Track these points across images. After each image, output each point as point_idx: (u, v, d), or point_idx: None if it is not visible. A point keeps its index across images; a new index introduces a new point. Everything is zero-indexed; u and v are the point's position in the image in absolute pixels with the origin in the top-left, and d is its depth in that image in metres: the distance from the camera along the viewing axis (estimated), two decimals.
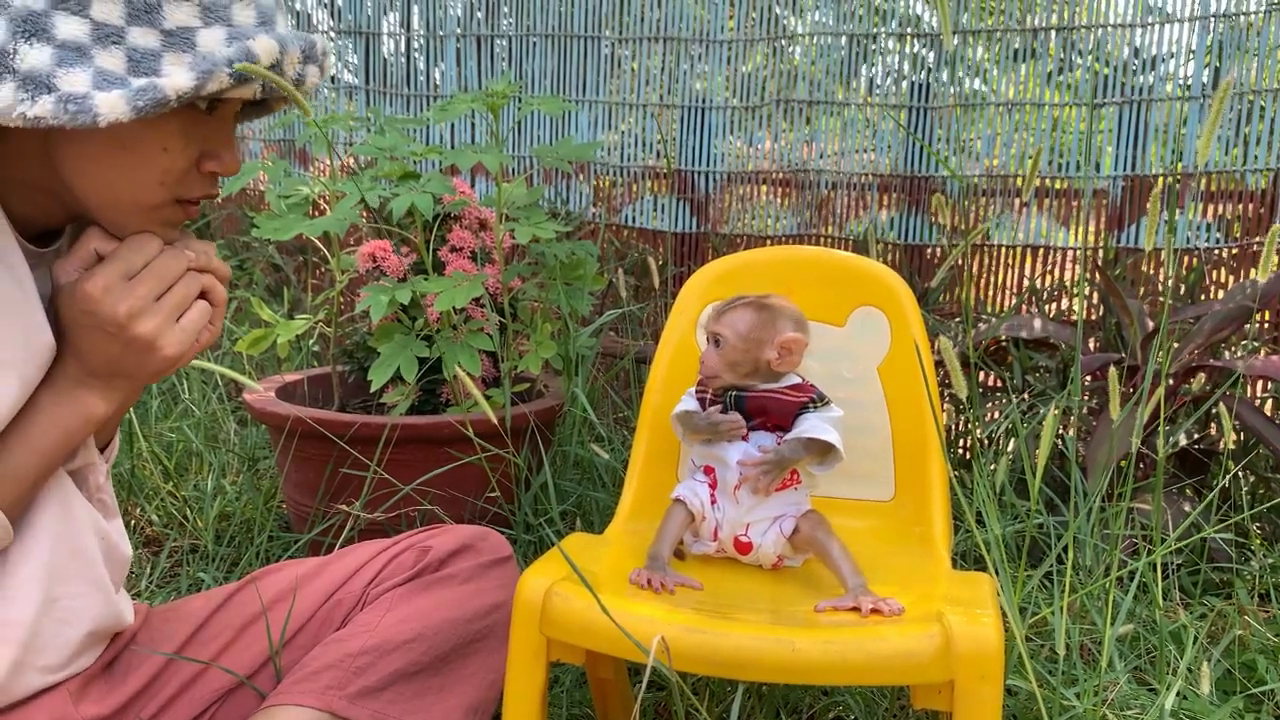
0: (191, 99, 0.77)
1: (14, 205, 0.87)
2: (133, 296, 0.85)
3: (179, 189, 0.86)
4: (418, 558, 1.14)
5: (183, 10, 0.78)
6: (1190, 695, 1.37)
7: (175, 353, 0.88)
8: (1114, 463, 1.78)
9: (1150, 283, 2.42)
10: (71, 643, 0.96)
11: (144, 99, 0.75)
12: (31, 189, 0.86)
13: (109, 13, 0.76)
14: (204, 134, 0.85)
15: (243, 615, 1.13)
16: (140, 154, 0.82)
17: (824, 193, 2.73)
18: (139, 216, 0.87)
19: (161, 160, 0.83)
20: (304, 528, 1.85)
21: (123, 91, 0.75)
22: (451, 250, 1.96)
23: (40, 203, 0.88)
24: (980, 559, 1.79)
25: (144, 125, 0.80)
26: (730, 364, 1.22)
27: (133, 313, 0.85)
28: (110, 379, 0.89)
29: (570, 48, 2.90)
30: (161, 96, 0.75)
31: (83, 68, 0.75)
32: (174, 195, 0.86)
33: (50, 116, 0.74)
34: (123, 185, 0.84)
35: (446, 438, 1.74)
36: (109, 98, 0.74)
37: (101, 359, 0.87)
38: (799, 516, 1.20)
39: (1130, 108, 2.39)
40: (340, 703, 1.02)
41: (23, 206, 0.87)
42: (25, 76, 0.74)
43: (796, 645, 0.94)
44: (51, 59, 0.74)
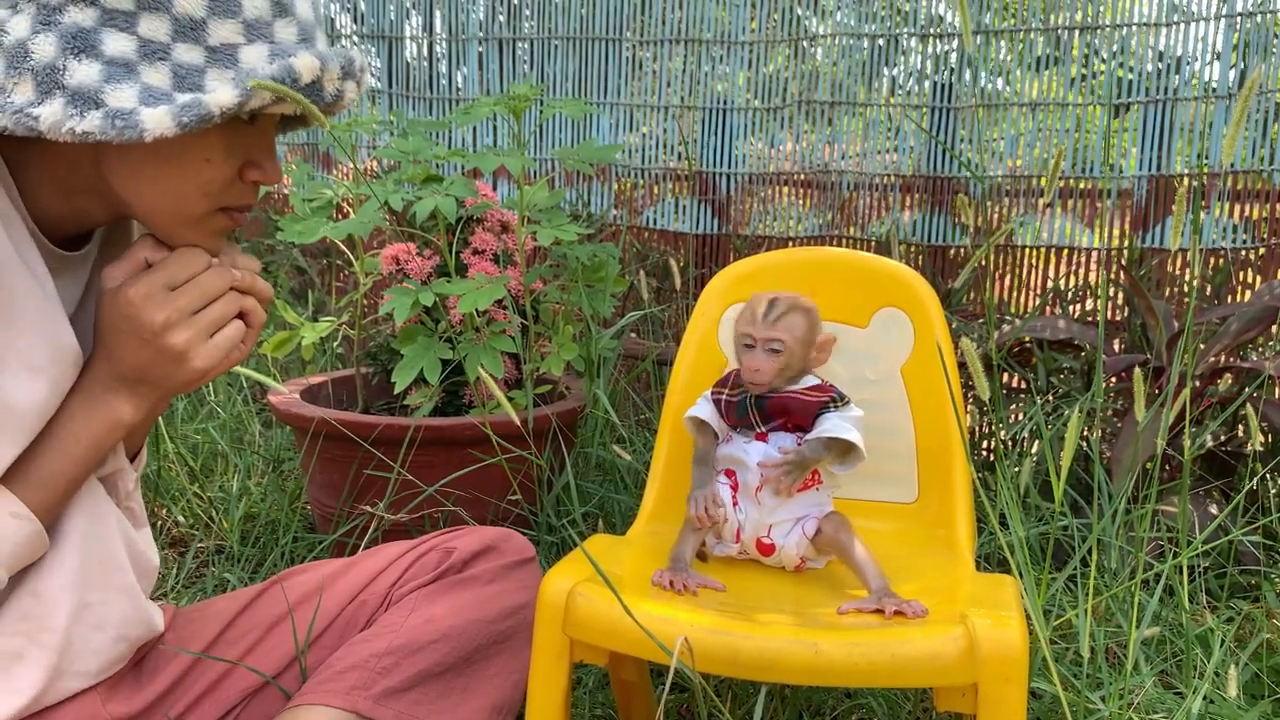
0: (233, 114, 0.79)
1: (51, 207, 0.88)
2: (171, 307, 0.87)
3: (223, 198, 0.88)
4: (441, 559, 1.15)
5: (226, 27, 0.79)
6: (1217, 699, 1.36)
7: (203, 366, 0.89)
8: (1139, 464, 1.77)
9: (1176, 283, 2.40)
10: (104, 648, 0.97)
11: (189, 114, 0.76)
12: (77, 192, 0.88)
13: (155, 30, 0.78)
14: (246, 145, 0.87)
15: (269, 615, 1.14)
16: (184, 166, 0.84)
17: (846, 194, 2.72)
18: (185, 226, 0.88)
19: (205, 171, 0.85)
20: (328, 529, 1.86)
21: (168, 107, 0.76)
22: (474, 253, 1.96)
23: (82, 204, 0.89)
24: (1004, 561, 1.78)
25: (188, 138, 0.82)
26: (784, 369, 1.21)
27: (169, 323, 0.86)
28: (138, 385, 0.90)
29: (592, 50, 2.90)
30: (206, 112, 0.77)
31: (130, 83, 0.77)
32: (218, 204, 0.88)
33: (98, 132, 0.75)
34: (168, 196, 0.85)
35: (469, 439, 1.75)
36: (155, 113, 0.76)
37: (132, 365, 0.88)
38: (821, 518, 1.20)
39: (1155, 107, 2.38)
40: (365, 703, 1.02)
41: (61, 208, 0.88)
42: (74, 92, 0.76)
43: (820, 647, 0.94)
44: (100, 75, 0.76)
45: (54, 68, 0.76)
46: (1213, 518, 1.83)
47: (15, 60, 0.76)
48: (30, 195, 0.87)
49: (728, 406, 1.23)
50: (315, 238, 1.83)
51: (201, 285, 0.89)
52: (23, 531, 0.86)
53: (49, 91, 0.76)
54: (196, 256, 0.89)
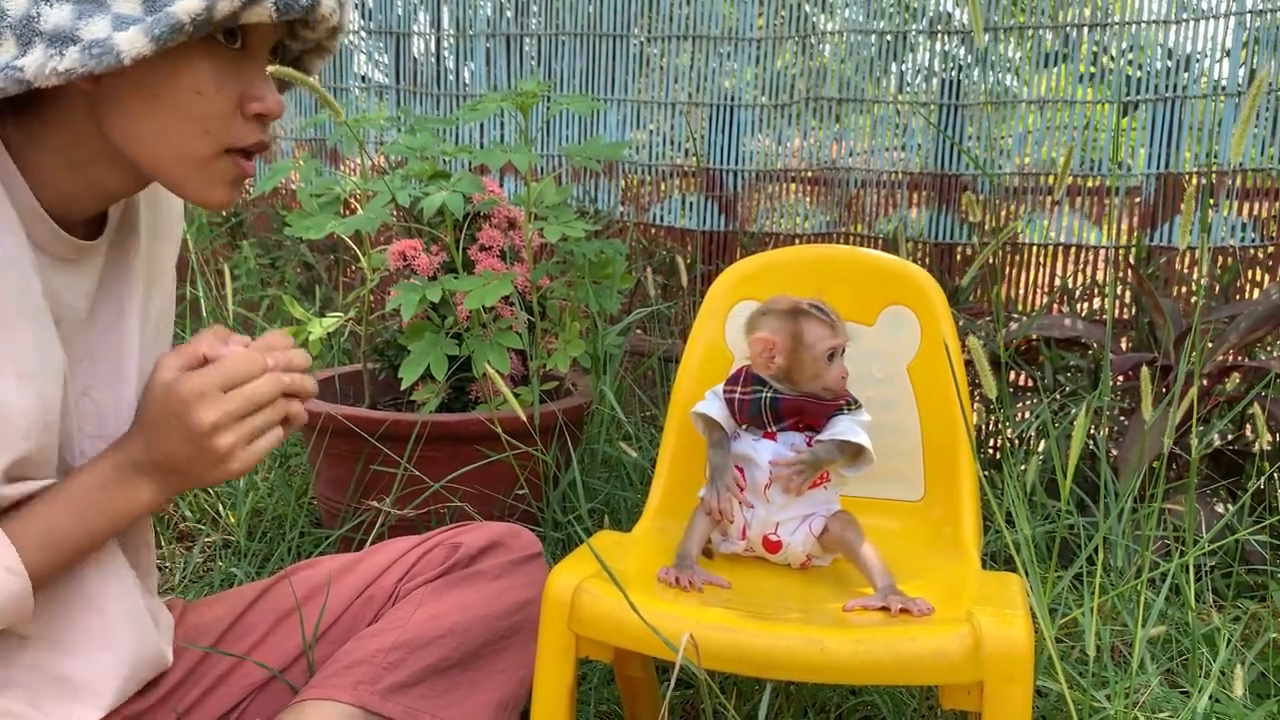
0: (205, 24, 0.78)
1: (65, 185, 0.88)
2: (222, 410, 0.86)
3: (225, 136, 0.86)
4: (448, 554, 1.15)
5: None
6: (1223, 698, 1.35)
7: (239, 469, 0.89)
8: (1146, 463, 1.76)
9: (1184, 282, 2.39)
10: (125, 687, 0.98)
11: (160, 27, 0.77)
12: (87, 163, 0.87)
13: None
14: (238, 74, 0.86)
15: (277, 610, 1.14)
16: (175, 100, 0.83)
17: (853, 191, 2.72)
18: (193, 172, 0.87)
19: (198, 104, 0.84)
20: (335, 524, 1.86)
21: (140, 26, 0.77)
22: (481, 249, 1.97)
23: (95, 175, 0.88)
24: (1010, 559, 1.78)
25: (173, 69, 0.81)
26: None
27: (217, 425, 0.86)
28: (169, 475, 0.89)
29: (599, 46, 2.90)
30: (175, 21, 0.77)
31: (101, 15, 0.78)
32: (222, 144, 0.87)
33: (79, 66, 0.76)
34: (167, 137, 0.84)
35: (476, 435, 1.75)
36: (127, 35, 0.76)
37: (169, 456, 0.88)
38: (828, 516, 1.20)
39: (1164, 105, 2.37)
40: (372, 698, 1.03)
41: (74, 184, 0.88)
42: (51, 35, 0.77)
43: (825, 645, 0.94)
44: (72, 14, 0.78)
45: (29, 17, 0.78)
46: (1219, 517, 1.83)
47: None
48: (42, 177, 0.87)
49: (741, 405, 1.23)
50: (323, 233, 1.83)
51: (254, 392, 0.88)
52: (11, 588, 0.84)
53: (29, 42, 0.77)
54: (253, 360, 0.88)
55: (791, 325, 1.21)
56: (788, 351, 1.20)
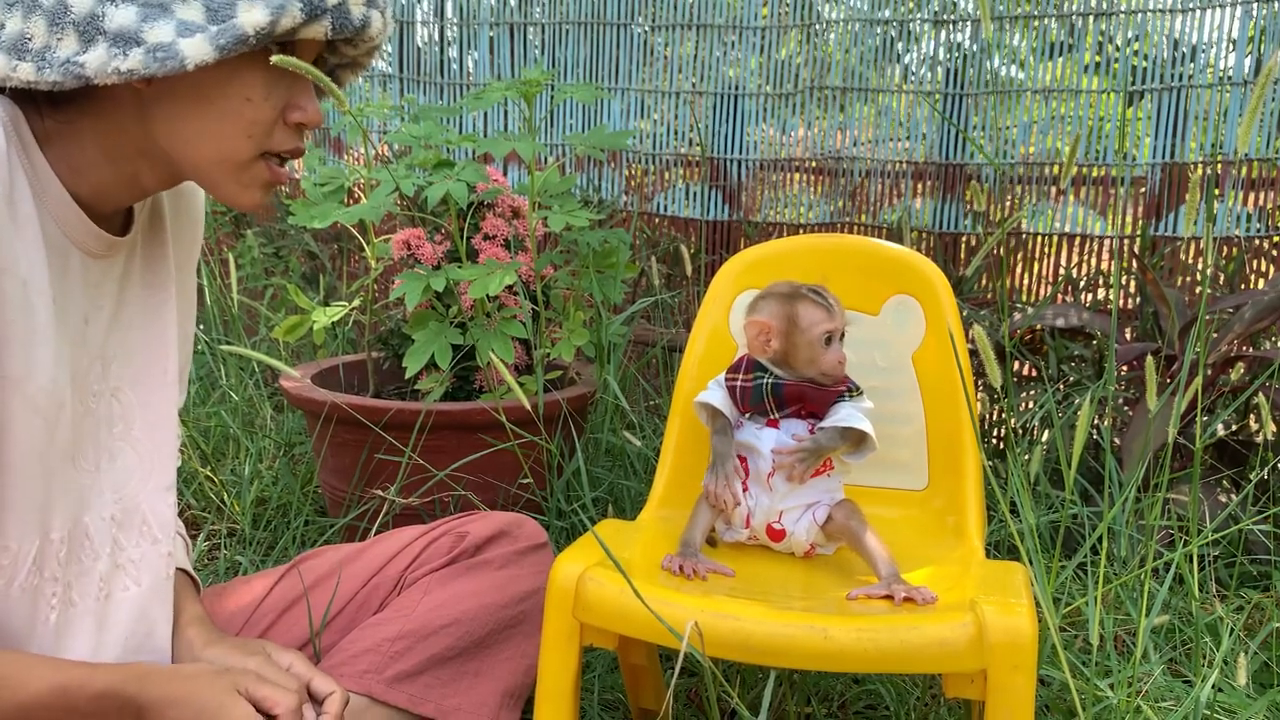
0: (267, 37, 0.81)
1: (103, 177, 0.89)
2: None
3: (266, 141, 0.88)
4: (454, 543, 1.16)
5: None
6: (1226, 688, 1.36)
7: None
8: (1150, 453, 1.76)
9: (1188, 272, 2.39)
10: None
11: (225, 37, 0.79)
12: (127, 157, 0.88)
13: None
14: (285, 85, 0.88)
15: (285, 598, 1.15)
16: (225, 105, 0.85)
17: (858, 180, 2.71)
18: (231, 174, 0.89)
19: (246, 111, 0.86)
20: (340, 512, 1.87)
21: (205, 34, 0.79)
22: (485, 238, 1.97)
23: (132, 170, 0.89)
24: (1014, 549, 1.78)
25: (227, 76, 0.84)
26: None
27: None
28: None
29: (603, 35, 2.89)
30: (241, 33, 0.79)
31: (166, 20, 0.79)
32: (261, 148, 0.88)
33: (141, 67, 0.78)
34: (212, 139, 0.86)
35: (480, 424, 1.76)
36: (192, 42, 0.79)
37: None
38: (832, 505, 1.20)
39: (1169, 94, 2.36)
40: (378, 686, 1.03)
41: (111, 177, 0.89)
42: (115, 35, 0.79)
43: (829, 633, 0.94)
44: (137, 16, 0.79)
45: (94, 15, 0.79)
46: (1223, 506, 1.83)
47: (56, 18, 0.79)
48: (77, 167, 0.87)
49: (743, 392, 1.23)
50: (327, 222, 1.83)
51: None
52: None
53: (91, 39, 0.79)
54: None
55: (787, 309, 1.21)
56: (783, 335, 1.20)
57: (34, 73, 0.79)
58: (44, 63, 0.79)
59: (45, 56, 0.79)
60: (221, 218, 3.07)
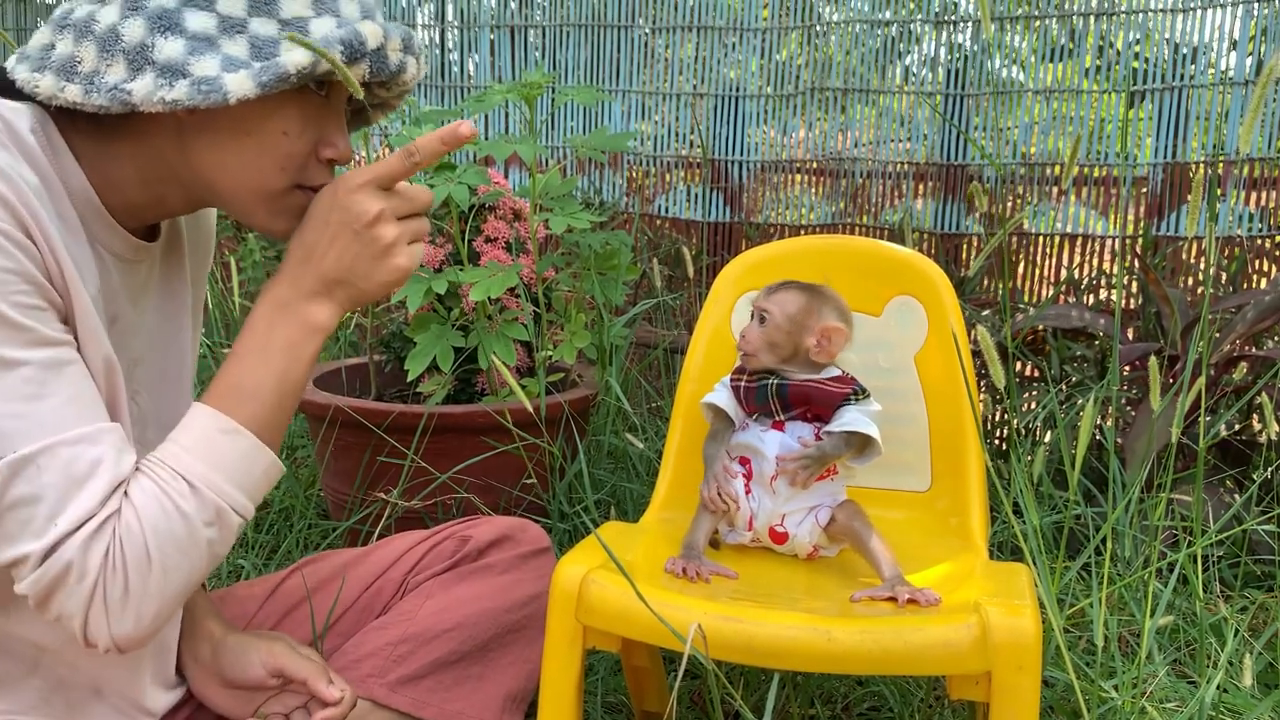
0: (308, 77, 0.84)
1: (134, 196, 0.90)
2: (384, 202, 0.89)
3: (300, 175, 0.90)
4: (457, 547, 1.16)
5: (297, 2, 0.86)
6: (1231, 688, 1.35)
7: (405, 264, 0.90)
8: (1153, 453, 1.76)
9: (1191, 272, 2.38)
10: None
11: (267, 74, 0.82)
12: (159, 180, 0.90)
13: (233, 6, 0.84)
14: (320, 121, 0.90)
15: (288, 601, 1.15)
16: (263, 138, 0.87)
17: (859, 181, 2.71)
18: (264, 203, 0.90)
19: (283, 144, 0.88)
20: (342, 515, 1.87)
21: (248, 71, 0.82)
22: (486, 240, 1.96)
23: (162, 192, 0.91)
24: (1017, 550, 1.78)
25: (266, 111, 0.86)
26: (770, 343, 1.21)
27: (381, 216, 0.88)
28: (334, 287, 0.90)
29: (604, 37, 2.90)
30: (283, 71, 0.82)
31: (212, 54, 0.82)
32: (294, 181, 0.90)
33: (186, 99, 0.81)
34: (248, 170, 0.88)
35: (482, 427, 1.75)
36: (236, 77, 0.82)
37: (335, 260, 0.89)
38: (835, 507, 1.20)
39: (1170, 95, 2.36)
40: (380, 690, 1.03)
41: (142, 196, 0.91)
42: (163, 66, 0.81)
43: (833, 634, 0.94)
44: (184, 49, 0.82)
45: (143, 45, 0.82)
46: (1227, 507, 1.83)
47: (107, 45, 0.82)
48: (111, 184, 0.89)
49: (747, 393, 1.23)
50: None
51: (412, 194, 0.92)
52: (239, 447, 0.86)
53: (140, 68, 0.81)
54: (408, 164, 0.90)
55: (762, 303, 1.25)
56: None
57: (81, 95, 0.82)
58: (92, 86, 0.82)
59: (94, 80, 0.82)
60: (223, 221, 3.07)
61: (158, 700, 1.00)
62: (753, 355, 1.22)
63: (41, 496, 0.77)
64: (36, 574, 0.78)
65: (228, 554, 0.90)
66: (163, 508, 0.81)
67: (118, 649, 0.81)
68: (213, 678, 1.04)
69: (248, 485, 0.86)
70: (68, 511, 0.77)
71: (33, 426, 0.77)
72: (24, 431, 0.76)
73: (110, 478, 0.80)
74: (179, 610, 0.86)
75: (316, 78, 0.85)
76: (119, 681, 0.96)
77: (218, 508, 0.84)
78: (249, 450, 0.86)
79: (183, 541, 0.82)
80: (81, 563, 0.78)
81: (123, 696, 0.96)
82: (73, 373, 0.80)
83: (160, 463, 0.83)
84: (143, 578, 0.80)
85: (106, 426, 0.81)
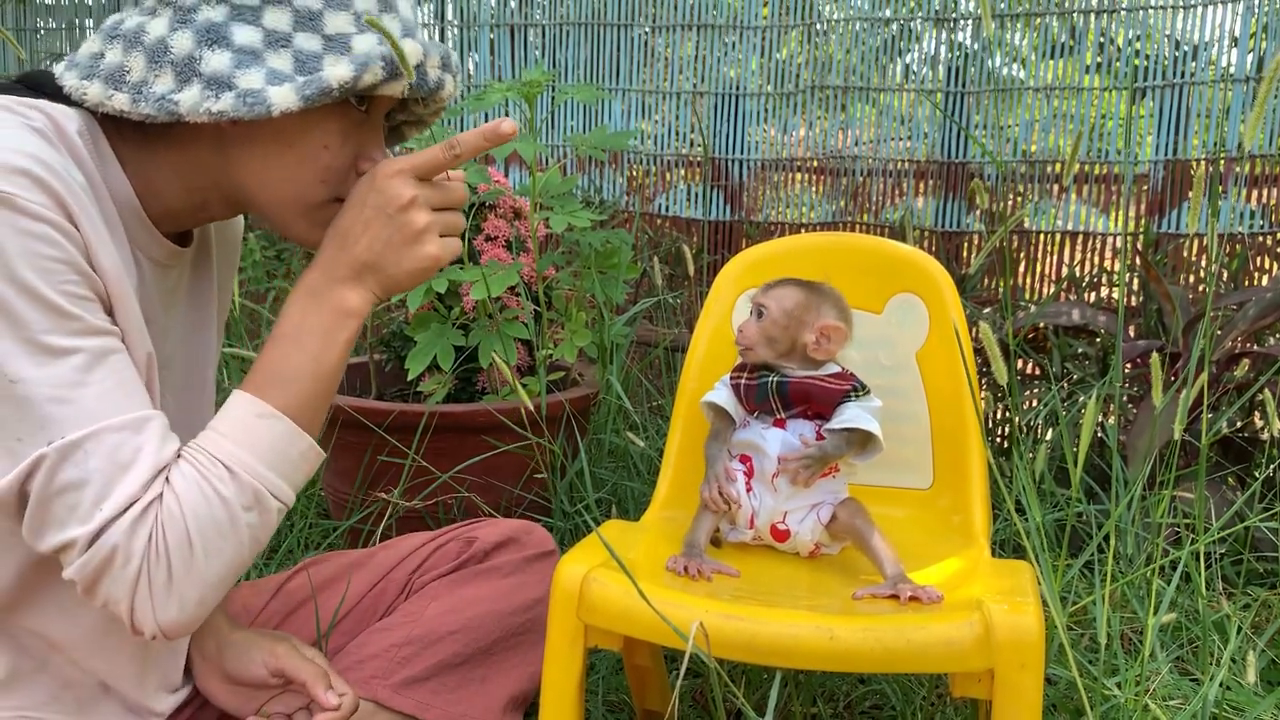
0: (350, 91, 0.86)
1: (174, 202, 0.92)
2: (419, 191, 0.90)
3: (338, 188, 0.92)
4: (462, 548, 1.16)
5: (340, 18, 0.87)
6: (1234, 686, 1.35)
7: (435, 253, 0.91)
8: (1155, 450, 1.76)
9: (1192, 269, 2.38)
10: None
11: (311, 88, 0.84)
12: (199, 188, 0.92)
13: (278, 21, 0.86)
14: (359, 136, 0.92)
15: (291, 601, 1.15)
16: (304, 151, 0.89)
17: (859, 180, 2.71)
18: (303, 214, 0.92)
19: (323, 157, 0.90)
20: (342, 515, 1.86)
21: (292, 84, 0.84)
22: (487, 239, 1.96)
23: (202, 200, 0.93)
24: (1020, 547, 1.78)
25: (308, 124, 0.88)
26: (768, 339, 1.21)
27: (414, 201, 0.89)
28: (365, 273, 0.91)
29: (604, 36, 2.89)
30: (326, 85, 0.84)
31: (257, 68, 0.84)
32: (333, 194, 0.92)
33: (231, 110, 0.83)
34: (289, 182, 0.90)
35: (483, 426, 1.75)
36: (280, 90, 0.83)
37: (367, 245, 0.90)
38: (837, 504, 1.20)
39: (1171, 92, 2.36)
40: (384, 692, 1.04)
41: (182, 203, 0.93)
42: (209, 78, 0.83)
43: (835, 633, 0.94)
44: (231, 62, 0.84)
45: (191, 58, 0.84)
46: (1229, 504, 1.82)
47: (155, 56, 0.84)
48: (153, 190, 0.91)
49: (747, 390, 1.23)
50: None
51: (448, 187, 0.93)
52: (275, 431, 0.87)
53: (187, 80, 0.83)
54: (447, 158, 0.92)
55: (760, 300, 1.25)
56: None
57: (129, 103, 0.84)
58: (139, 95, 0.84)
59: (141, 90, 0.84)
60: None
61: (164, 700, 1.00)
62: (750, 349, 1.22)
63: (88, 481, 0.78)
64: (84, 558, 0.79)
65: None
66: (203, 493, 0.82)
67: (163, 635, 0.83)
68: (216, 672, 1.04)
69: (285, 469, 0.87)
70: (113, 496, 0.79)
71: (80, 413, 0.78)
72: (72, 418, 0.78)
73: (153, 463, 0.81)
74: (221, 597, 0.86)
75: (357, 92, 0.87)
76: (126, 680, 0.96)
77: (256, 491, 0.85)
78: (285, 434, 0.87)
79: (223, 526, 0.83)
80: (127, 547, 0.79)
81: (130, 695, 0.97)
82: (118, 361, 0.82)
83: (200, 449, 0.85)
84: (185, 563, 0.81)
85: (151, 414, 0.83)
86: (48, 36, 3.61)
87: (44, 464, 0.77)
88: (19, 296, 0.76)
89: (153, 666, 0.98)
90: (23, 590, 0.88)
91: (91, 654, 0.93)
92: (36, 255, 0.77)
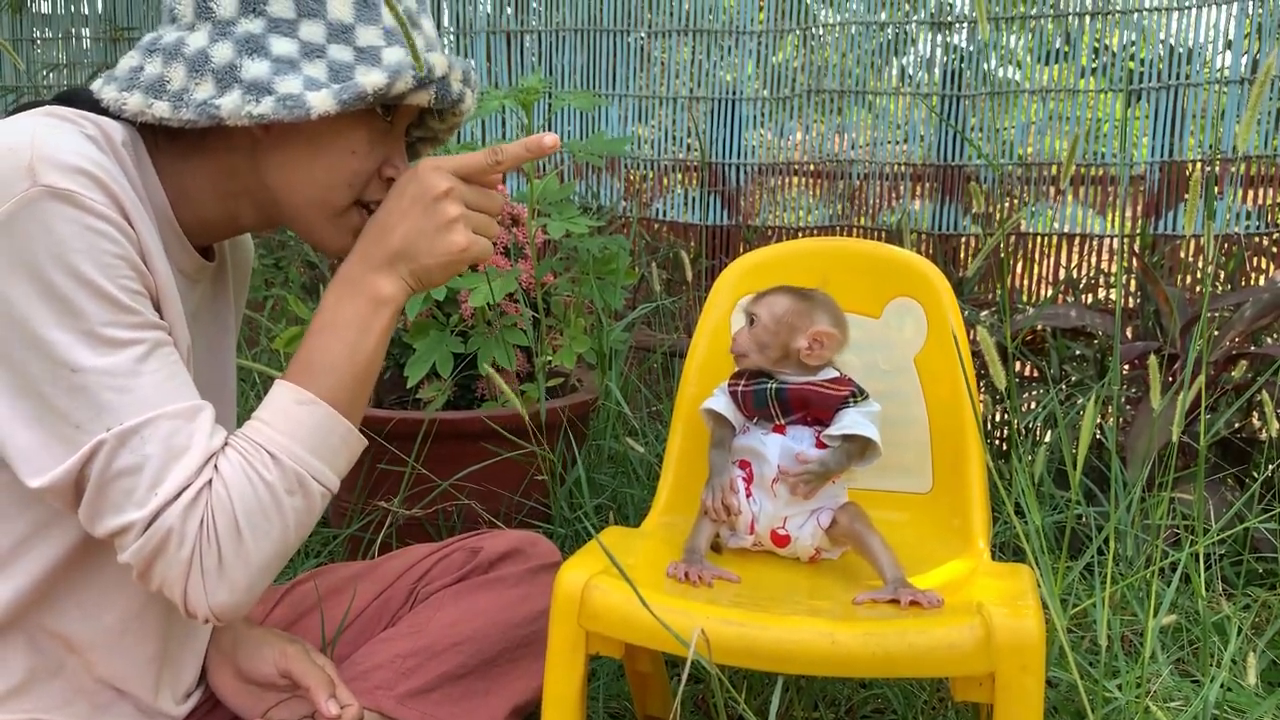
0: (382, 97, 0.90)
1: (207, 211, 0.96)
2: (455, 186, 0.93)
3: (363, 192, 0.96)
4: (467, 559, 1.16)
5: (370, 32, 0.92)
6: (1235, 687, 1.35)
7: (462, 242, 0.93)
8: (1154, 452, 1.76)
9: (1189, 270, 2.38)
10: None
11: (347, 93, 0.88)
12: (232, 196, 0.95)
13: (314, 34, 0.91)
14: (385, 144, 0.96)
15: (295, 611, 1.15)
16: (333, 157, 0.93)
17: (856, 183, 2.71)
18: (329, 219, 0.96)
19: (351, 163, 0.94)
20: (342, 523, 1.86)
21: (329, 90, 0.88)
22: None
23: (234, 208, 0.96)
24: (1019, 550, 1.78)
25: (338, 131, 0.92)
26: (760, 345, 1.22)
27: (450, 193, 0.92)
28: (398, 259, 0.93)
29: (600, 42, 2.90)
30: (360, 90, 0.88)
31: (295, 75, 0.89)
32: (357, 198, 0.96)
33: (271, 113, 0.87)
34: (317, 186, 0.94)
35: (482, 433, 1.75)
36: (318, 95, 0.88)
37: (401, 232, 0.92)
38: (837, 509, 1.20)
39: (1166, 94, 2.36)
40: (389, 703, 1.04)
41: (214, 212, 0.96)
42: (249, 84, 0.88)
43: (836, 637, 0.94)
44: (270, 70, 0.88)
45: (232, 66, 0.88)
46: (1229, 505, 1.82)
47: (196, 66, 0.88)
48: (188, 200, 0.94)
49: (744, 397, 1.23)
50: None
51: (486, 191, 0.96)
52: (315, 416, 0.89)
53: (228, 86, 0.88)
54: (489, 163, 0.95)
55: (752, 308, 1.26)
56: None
57: (169, 111, 0.87)
58: (180, 102, 0.87)
59: (182, 97, 0.87)
60: None
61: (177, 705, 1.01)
62: (744, 355, 1.23)
63: (144, 466, 0.81)
64: (140, 542, 0.81)
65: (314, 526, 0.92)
66: (248, 478, 0.85)
67: (216, 618, 0.85)
68: (229, 667, 1.06)
69: (326, 454, 0.89)
70: (168, 481, 0.81)
71: (137, 401, 0.81)
72: (130, 405, 0.81)
73: (205, 450, 0.84)
74: (269, 581, 0.88)
75: (387, 100, 0.91)
76: (141, 684, 0.96)
77: (298, 475, 0.87)
78: (325, 419, 0.89)
79: (268, 510, 0.85)
80: (181, 530, 0.82)
81: (143, 700, 0.97)
82: (169, 354, 0.86)
83: (244, 436, 0.87)
84: (234, 547, 0.83)
85: (202, 404, 0.86)
86: (44, 46, 3.62)
87: (103, 449, 0.80)
88: (81, 290, 0.79)
89: (168, 670, 0.99)
90: (49, 587, 0.90)
91: (109, 656, 0.94)
92: (99, 251, 0.80)
